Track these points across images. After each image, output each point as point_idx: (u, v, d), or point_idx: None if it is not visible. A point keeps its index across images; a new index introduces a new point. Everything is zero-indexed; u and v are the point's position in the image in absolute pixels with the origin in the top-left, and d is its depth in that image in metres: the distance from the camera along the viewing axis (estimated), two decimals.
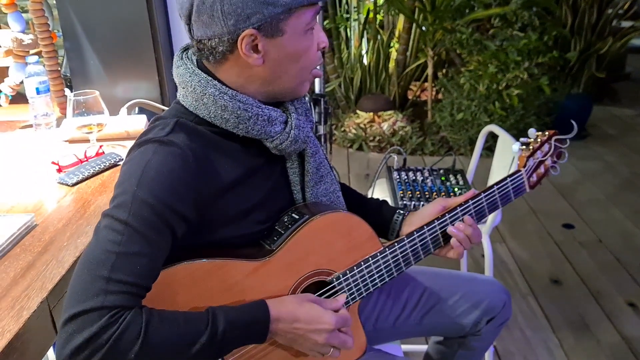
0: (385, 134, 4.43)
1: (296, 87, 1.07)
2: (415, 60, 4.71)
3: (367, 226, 1.15)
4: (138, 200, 0.91)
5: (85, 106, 1.58)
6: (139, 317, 0.86)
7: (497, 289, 1.43)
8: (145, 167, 0.93)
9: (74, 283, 0.87)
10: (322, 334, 1.00)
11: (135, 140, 1.02)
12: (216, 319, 0.92)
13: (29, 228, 1.19)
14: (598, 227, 3.19)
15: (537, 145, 1.29)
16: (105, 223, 0.91)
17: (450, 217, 1.22)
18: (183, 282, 0.97)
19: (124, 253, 0.88)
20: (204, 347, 0.89)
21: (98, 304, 0.84)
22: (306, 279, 1.09)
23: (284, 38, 0.99)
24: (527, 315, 2.45)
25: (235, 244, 1.05)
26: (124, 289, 0.87)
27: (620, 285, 2.66)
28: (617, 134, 4.71)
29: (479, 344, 1.44)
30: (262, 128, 1.03)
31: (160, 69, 1.86)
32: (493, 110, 4.04)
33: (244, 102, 1.01)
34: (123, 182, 0.95)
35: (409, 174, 2.05)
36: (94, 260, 0.87)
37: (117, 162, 1.53)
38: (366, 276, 1.15)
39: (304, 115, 1.11)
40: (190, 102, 1.03)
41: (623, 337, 2.30)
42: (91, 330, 0.83)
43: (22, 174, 1.50)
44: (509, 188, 1.27)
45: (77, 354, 0.83)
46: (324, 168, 1.19)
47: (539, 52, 4.00)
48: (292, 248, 1.06)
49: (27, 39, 1.97)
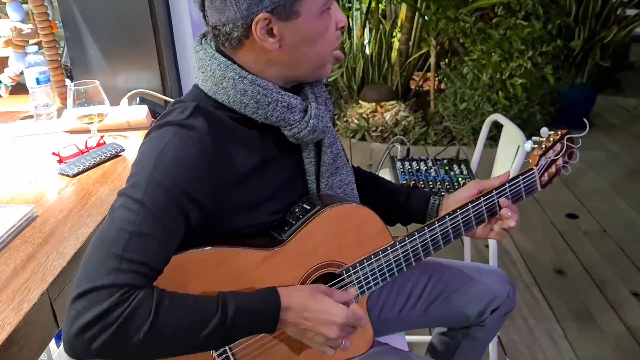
0: (388, 124, 4.41)
1: (317, 70, 1.05)
2: (418, 50, 4.68)
3: (378, 219, 1.13)
4: (154, 182, 0.90)
5: (86, 96, 1.56)
6: (150, 298, 0.85)
7: (501, 279, 1.42)
8: (163, 149, 0.93)
9: (86, 260, 0.87)
10: (331, 327, 0.98)
11: (154, 122, 1.01)
12: (226, 304, 0.91)
13: (30, 219, 1.18)
14: (602, 217, 3.18)
15: (549, 144, 1.27)
16: (120, 202, 0.91)
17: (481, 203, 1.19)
18: (194, 269, 0.96)
19: (138, 233, 0.87)
20: (213, 332, 0.89)
21: (109, 281, 0.83)
22: (316, 270, 1.08)
23: (300, 20, 0.97)
24: (531, 305, 2.44)
25: (247, 233, 1.04)
26: (136, 268, 0.86)
27: (624, 275, 2.65)
28: (621, 124, 4.69)
29: (483, 334, 1.43)
30: (281, 114, 1.02)
31: (161, 58, 1.84)
32: (496, 100, 4.02)
33: (264, 87, 1.00)
34: (140, 163, 0.94)
35: (413, 164, 2.04)
36: (108, 239, 0.87)
37: (118, 152, 1.51)
38: (376, 270, 1.13)
39: (324, 105, 1.09)
40: (210, 86, 1.01)
41: (627, 327, 2.30)
42: (101, 308, 0.82)
43: (23, 165, 1.49)
44: (521, 186, 1.25)
45: (86, 331, 0.81)
46: (341, 159, 1.17)
47: (543, 41, 3.97)
48: (302, 239, 1.05)
49: (27, 28, 1.95)
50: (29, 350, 0.90)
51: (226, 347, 1.01)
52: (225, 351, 1.02)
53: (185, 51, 1.93)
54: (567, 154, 1.33)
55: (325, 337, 0.98)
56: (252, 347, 1.04)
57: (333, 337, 0.98)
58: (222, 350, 1.01)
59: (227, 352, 1.02)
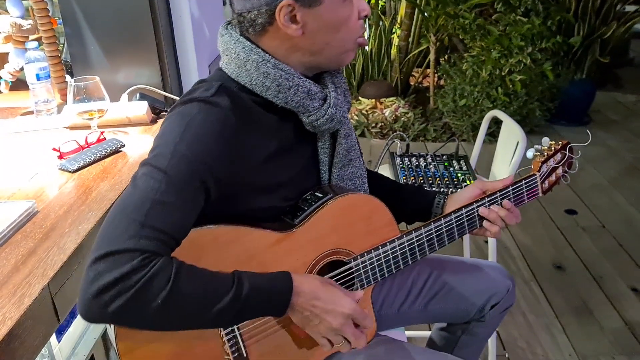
0: (388, 121, 4.41)
1: (339, 57, 1.07)
2: (418, 46, 4.68)
3: (388, 211, 1.16)
4: (178, 153, 0.92)
5: (86, 92, 1.56)
6: (169, 265, 0.87)
7: (501, 275, 1.42)
8: (188, 123, 0.95)
9: (107, 225, 0.88)
10: (338, 318, 0.99)
11: (178, 100, 1.02)
12: (241, 282, 0.92)
13: (30, 215, 1.18)
14: (601, 213, 3.19)
15: (551, 152, 1.32)
16: (143, 171, 0.92)
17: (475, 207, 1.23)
18: (207, 245, 0.98)
19: (160, 201, 0.89)
20: (226, 308, 0.90)
21: (131, 246, 0.84)
22: (325, 257, 1.10)
23: (322, 7, 0.99)
24: (530, 301, 2.45)
25: (259, 217, 1.06)
26: (157, 236, 0.87)
27: (623, 270, 2.66)
28: (620, 120, 4.69)
29: (483, 329, 1.44)
30: (301, 100, 1.04)
31: (161, 54, 1.84)
32: (496, 96, 4.02)
33: (286, 71, 1.02)
34: (164, 135, 0.96)
35: (412, 160, 2.04)
36: (130, 205, 0.88)
37: (118, 148, 1.52)
38: (382, 261, 1.15)
39: (343, 95, 1.12)
40: (233, 69, 1.04)
41: (626, 322, 2.31)
42: (121, 271, 0.82)
43: (23, 160, 1.49)
44: (523, 190, 1.29)
45: (103, 293, 0.82)
46: (354, 152, 1.19)
47: (542, 37, 3.97)
48: (314, 224, 1.07)
49: (27, 24, 1.95)
50: (30, 344, 0.90)
51: (234, 327, 1.03)
52: (233, 330, 1.03)
53: (185, 47, 1.93)
54: (567, 164, 1.38)
55: (329, 325, 0.99)
56: (259, 329, 1.06)
57: (336, 327, 0.99)
58: (230, 330, 1.03)
59: (235, 332, 1.03)
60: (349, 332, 1.01)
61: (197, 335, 1.00)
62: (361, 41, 1.08)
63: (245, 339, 1.05)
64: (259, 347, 1.06)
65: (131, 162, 1.45)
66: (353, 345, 1.04)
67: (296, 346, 1.11)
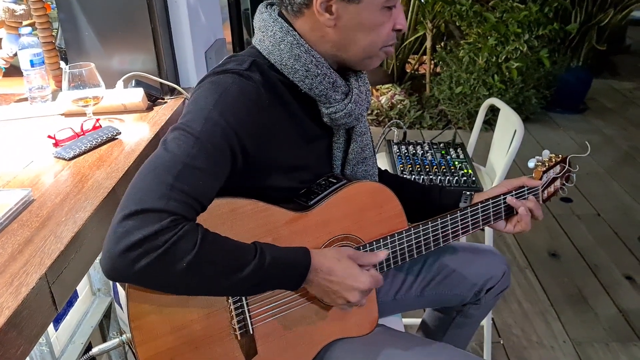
0: (384, 108, 4.40)
1: (364, 60, 1.10)
2: (414, 33, 4.66)
3: (398, 202, 1.18)
4: (212, 120, 0.94)
5: (81, 79, 1.54)
6: (196, 230, 0.88)
7: (496, 259, 1.44)
8: (223, 92, 0.97)
9: (136, 184, 0.89)
10: (354, 293, 1.02)
11: (210, 71, 1.04)
12: (264, 252, 0.94)
13: (26, 203, 1.17)
14: (596, 201, 3.20)
15: (551, 163, 1.37)
16: (175, 135, 0.94)
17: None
18: (224, 216, 1.00)
19: (191, 165, 0.90)
20: (248, 276, 0.92)
21: (161, 206, 0.86)
22: (335, 241, 1.12)
23: (360, 6, 1.01)
24: (525, 288, 2.46)
25: (275, 196, 1.07)
26: (186, 199, 0.88)
27: (618, 258, 2.68)
28: (616, 107, 4.70)
29: (477, 312, 1.46)
30: (325, 89, 1.06)
31: (157, 40, 1.82)
32: (492, 84, 4.01)
33: (317, 59, 1.04)
34: (198, 101, 0.98)
35: (409, 148, 2.04)
36: (161, 166, 0.90)
37: (114, 135, 1.50)
38: (389, 252, 1.16)
39: (364, 94, 1.14)
40: (267, 46, 1.06)
41: (620, 309, 2.32)
42: (151, 229, 0.84)
43: (18, 148, 1.47)
44: (526, 196, 1.32)
45: (131, 251, 0.83)
46: (369, 150, 1.22)
47: (539, 24, 3.95)
48: (327, 208, 1.09)
49: (19, 9, 1.92)
50: (28, 334, 0.90)
51: (244, 304, 1.04)
52: (242, 306, 1.05)
53: (181, 33, 1.91)
54: (565, 177, 1.44)
55: (346, 300, 1.03)
56: (268, 308, 1.08)
57: (353, 301, 1.03)
58: (239, 305, 1.04)
59: (244, 308, 1.05)
60: (365, 302, 1.06)
61: (207, 307, 1.01)
62: (388, 50, 1.10)
63: (253, 317, 1.06)
64: (265, 327, 1.08)
65: (127, 149, 1.44)
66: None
67: (300, 332, 1.13)
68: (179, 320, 1.00)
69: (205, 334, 1.02)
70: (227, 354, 1.05)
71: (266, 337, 1.08)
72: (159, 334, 0.98)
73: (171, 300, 0.98)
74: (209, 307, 1.02)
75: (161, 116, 1.67)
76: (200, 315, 1.01)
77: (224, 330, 1.04)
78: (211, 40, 2.18)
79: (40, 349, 1.48)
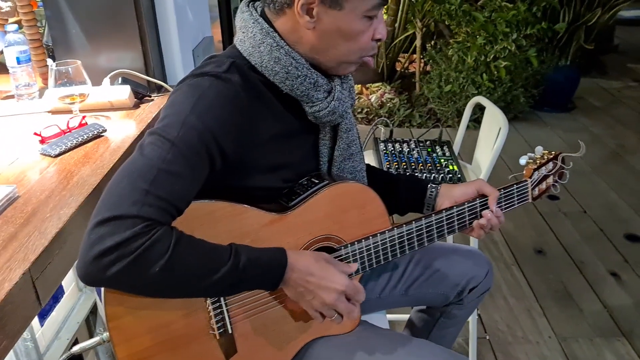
0: (373, 106, 4.41)
1: (339, 66, 1.09)
2: (404, 32, 4.67)
3: (381, 203, 1.18)
4: (188, 124, 0.94)
5: (68, 76, 1.55)
6: (169, 234, 0.88)
7: (479, 259, 1.45)
8: (200, 96, 0.97)
9: (111, 190, 0.89)
10: (331, 293, 1.02)
11: (189, 73, 1.04)
12: (239, 254, 0.94)
13: (11, 199, 1.18)
14: (583, 198, 3.22)
15: (543, 161, 1.36)
16: (151, 139, 0.94)
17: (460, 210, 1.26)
18: (202, 218, 1.00)
19: (167, 171, 0.90)
20: (223, 278, 0.92)
21: (134, 212, 0.86)
22: (317, 241, 1.12)
23: (341, 13, 1.01)
24: (511, 285, 2.48)
25: (257, 195, 1.07)
26: (160, 204, 0.88)
27: (603, 255, 2.70)
28: (604, 106, 4.73)
29: (461, 312, 1.47)
30: (306, 90, 1.06)
31: (144, 38, 1.82)
32: (481, 83, 4.03)
33: (297, 60, 1.04)
34: (174, 105, 0.98)
35: (396, 146, 2.05)
36: (136, 172, 0.90)
37: (100, 133, 1.51)
38: (372, 251, 1.17)
39: (347, 91, 1.14)
40: (247, 47, 1.05)
41: (605, 305, 2.35)
42: (123, 236, 0.84)
43: (4, 145, 1.48)
44: (514, 194, 1.33)
45: (104, 257, 0.84)
46: (355, 146, 1.21)
47: (527, 24, 3.98)
48: (308, 209, 1.09)
49: (5, 6, 1.92)
50: (11, 328, 0.90)
51: (222, 303, 1.04)
52: (221, 306, 1.05)
53: (168, 30, 1.91)
54: (558, 174, 1.41)
55: (322, 301, 1.02)
56: (247, 307, 1.07)
57: (329, 302, 1.02)
58: (217, 305, 1.04)
59: (223, 308, 1.05)
60: (342, 307, 1.04)
61: (184, 308, 1.01)
62: (367, 60, 1.10)
63: (232, 316, 1.06)
64: (244, 326, 1.08)
65: (113, 147, 1.45)
66: (345, 319, 1.06)
67: (281, 330, 1.13)
68: (157, 320, 1.00)
69: (184, 333, 1.02)
70: (207, 353, 1.05)
71: (246, 336, 1.08)
72: (136, 334, 0.98)
73: (149, 301, 0.98)
74: (187, 307, 1.02)
75: (148, 113, 1.68)
76: (179, 315, 1.01)
77: (202, 329, 1.04)
78: (199, 38, 2.18)
79: (25, 345, 1.48)
